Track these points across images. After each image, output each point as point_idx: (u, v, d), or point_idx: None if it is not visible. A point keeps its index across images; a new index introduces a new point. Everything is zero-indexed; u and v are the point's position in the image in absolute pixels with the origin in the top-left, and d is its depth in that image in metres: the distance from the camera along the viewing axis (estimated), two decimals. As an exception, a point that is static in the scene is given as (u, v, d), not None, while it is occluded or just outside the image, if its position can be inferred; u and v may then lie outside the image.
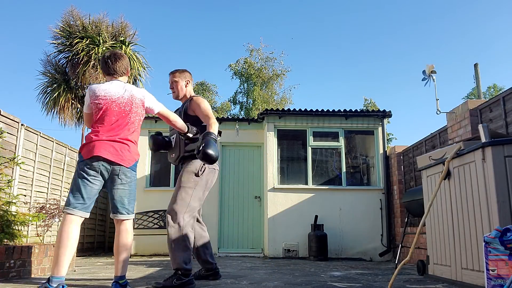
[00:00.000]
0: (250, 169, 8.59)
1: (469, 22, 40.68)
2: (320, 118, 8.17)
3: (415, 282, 3.74)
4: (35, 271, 4.06)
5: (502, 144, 2.92)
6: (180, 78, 3.46)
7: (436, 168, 3.80)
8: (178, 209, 3.09)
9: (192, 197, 3.15)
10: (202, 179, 3.21)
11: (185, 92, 3.48)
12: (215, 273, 3.60)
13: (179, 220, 3.07)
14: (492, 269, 2.36)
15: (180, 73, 3.48)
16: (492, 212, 2.90)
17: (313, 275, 4.28)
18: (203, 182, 3.22)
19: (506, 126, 4.45)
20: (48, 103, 12.35)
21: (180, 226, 3.06)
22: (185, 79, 3.47)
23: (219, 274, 3.64)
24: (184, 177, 3.19)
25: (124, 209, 2.86)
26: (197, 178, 3.18)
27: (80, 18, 12.13)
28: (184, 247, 3.04)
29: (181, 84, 3.45)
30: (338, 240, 7.62)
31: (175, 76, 3.47)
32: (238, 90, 21.90)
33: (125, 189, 2.85)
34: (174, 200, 3.14)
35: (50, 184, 6.93)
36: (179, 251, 3.03)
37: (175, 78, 3.47)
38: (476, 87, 8.60)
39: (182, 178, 3.20)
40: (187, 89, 3.48)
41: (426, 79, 5.37)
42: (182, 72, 3.49)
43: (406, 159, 7.50)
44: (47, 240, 6.72)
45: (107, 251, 9.65)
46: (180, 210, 3.09)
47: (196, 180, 3.18)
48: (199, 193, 3.20)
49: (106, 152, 2.73)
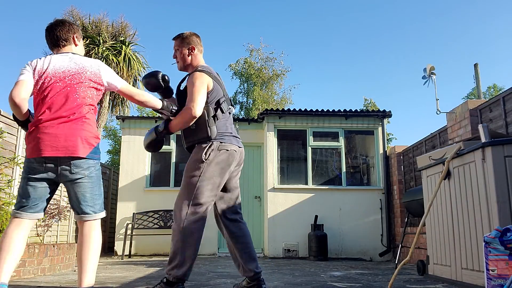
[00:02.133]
0: (250, 169, 8.59)
1: (469, 22, 40.70)
2: (320, 118, 8.17)
3: (415, 282, 3.74)
4: (35, 271, 4.06)
5: (502, 144, 2.92)
6: (182, 45, 2.86)
7: (436, 168, 3.80)
8: (182, 204, 2.60)
9: (199, 186, 2.60)
10: (210, 164, 2.63)
11: (189, 61, 2.86)
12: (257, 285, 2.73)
13: (181, 216, 2.57)
14: (492, 269, 2.36)
15: (183, 39, 2.86)
16: (492, 212, 2.90)
17: (313, 275, 4.28)
18: (210, 167, 2.63)
19: (506, 126, 4.45)
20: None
21: (183, 224, 2.56)
22: (188, 45, 2.85)
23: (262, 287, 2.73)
24: (188, 165, 2.69)
25: (87, 208, 2.36)
26: (201, 164, 2.62)
27: (80, 18, 12.13)
28: (182, 247, 2.54)
29: (184, 53, 2.85)
30: (338, 240, 7.62)
31: (176, 43, 2.89)
32: (238, 90, 21.88)
33: (83, 183, 2.35)
34: (180, 192, 2.67)
35: (50, 184, 6.92)
36: (177, 252, 2.55)
37: (176, 45, 2.89)
38: (476, 87, 8.60)
39: (186, 166, 2.71)
40: (192, 58, 2.86)
41: (426, 79, 5.38)
42: (185, 37, 2.87)
43: (406, 159, 7.50)
44: (47, 240, 6.72)
45: (107, 251, 9.65)
46: (183, 203, 2.60)
47: (201, 167, 2.62)
48: (208, 181, 2.62)
49: (49, 148, 2.27)
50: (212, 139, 2.65)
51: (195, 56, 2.87)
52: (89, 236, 2.33)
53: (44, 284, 3.40)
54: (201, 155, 2.63)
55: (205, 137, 2.65)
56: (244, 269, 2.72)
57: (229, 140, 2.72)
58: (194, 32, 2.91)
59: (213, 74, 2.79)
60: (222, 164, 2.67)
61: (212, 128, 2.66)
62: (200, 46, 2.92)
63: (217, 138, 2.68)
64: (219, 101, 2.73)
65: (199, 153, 2.65)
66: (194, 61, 2.87)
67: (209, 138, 2.64)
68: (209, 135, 2.64)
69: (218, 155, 2.66)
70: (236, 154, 2.75)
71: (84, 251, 2.30)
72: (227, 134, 2.74)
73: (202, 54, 2.95)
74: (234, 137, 2.79)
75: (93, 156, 2.37)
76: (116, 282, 3.51)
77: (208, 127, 2.65)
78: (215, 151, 2.65)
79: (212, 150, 2.65)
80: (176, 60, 2.91)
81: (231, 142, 2.73)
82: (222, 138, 2.70)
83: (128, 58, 11.71)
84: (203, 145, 2.66)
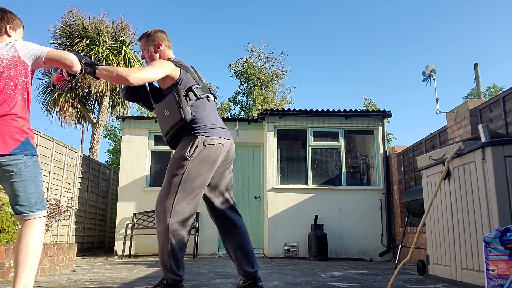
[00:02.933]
0: (250, 169, 8.59)
1: (469, 22, 40.70)
2: (320, 118, 8.17)
3: (415, 282, 3.74)
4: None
5: (502, 144, 2.92)
6: (148, 44, 2.73)
7: (436, 168, 3.80)
8: (165, 203, 2.46)
9: (182, 185, 2.46)
10: (194, 161, 2.47)
11: (157, 58, 2.72)
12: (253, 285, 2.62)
13: (165, 217, 2.44)
14: (492, 269, 2.36)
15: (147, 37, 2.74)
16: (492, 212, 2.90)
17: (313, 275, 4.28)
18: (195, 164, 2.48)
19: (506, 126, 4.45)
20: (48, 103, 12.38)
21: (167, 224, 2.43)
22: (153, 42, 2.72)
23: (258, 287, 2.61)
24: (171, 162, 2.53)
25: (22, 207, 2.15)
26: (185, 161, 2.47)
27: (80, 18, 12.13)
28: (171, 250, 2.43)
29: (150, 50, 2.72)
30: (338, 240, 7.62)
31: (141, 43, 2.78)
32: (238, 90, 21.88)
33: (14, 181, 2.14)
34: (161, 192, 2.52)
35: (50, 184, 6.93)
36: (165, 255, 2.43)
37: (142, 45, 2.78)
38: (476, 87, 8.60)
39: (169, 163, 2.55)
40: (160, 54, 2.73)
41: (426, 79, 5.38)
42: (150, 35, 2.75)
43: (406, 159, 7.50)
44: (47, 240, 6.72)
45: (107, 251, 9.65)
46: (167, 204, 2.45)
47: (185, 164, 2.46)
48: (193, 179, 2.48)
49: None
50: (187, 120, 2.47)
51: (163, 52, 2.74)
52: (26, 237, 2.11)
53: (44, 284, 3.40)
54: (185, 152, 2.47)
55: (179, 120, 2.48)
56: (241, 268, 2.63)
57: (215, 133, 2.56)
58: (159, 29, 2.81)
59: (181, 63, 2.64)
60: (209, 160, 2.51)
61: (186, 109, 2.48)
62: (166, 41, 2.77)
63: (201, 131, 2.52)
64: (191, 87, 2.56)
65: (183, 150, 2.50)
66: (163, 57, 2.72)
67: (185, 121, 2.46)
68: (183, 117, 2.46)
69: (203, 150, 2.49)
70: (224, 148, 2.58)
71: (20, 253, 2.08)
72: (212, 127, 2.57)
73: (171, 50, 2.81)
74: (221, 129, 2.62)
75: (21, 152, 2.14)
76: (116, 282, 3.51)
77: (180, 108, 2.47)
78: (200, 146, 2.49)
79: (197, 146, 2.48)
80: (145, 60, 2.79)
81: (218, 135, 2.57)
82: (207, 131, 2.53)
83: (128, 58, 11.73)
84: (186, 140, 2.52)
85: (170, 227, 2.42)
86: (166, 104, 2.56)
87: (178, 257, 2.44)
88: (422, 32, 39.85)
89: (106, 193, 9.91)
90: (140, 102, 2.76)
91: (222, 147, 2.57)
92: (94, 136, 12.42)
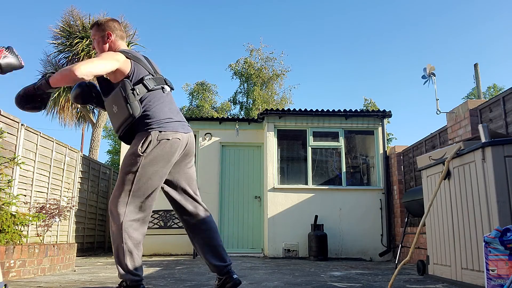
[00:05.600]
0: (250, 169, 8.59)
1: (469, 22, 40.68)
2: (320, 118, 8.17)
3: (415, 282, 3.74)
4: (35, 271, 4.06)
5: (502, 144, 2.92)
6: (98, 33, 2.59)
7: (436, 168, 3.80)
8: (118, 202, 2.36)
9: (136, 182, 2.35)
10: (147, 158, 2.36)
11: (106, 49, 2.58)
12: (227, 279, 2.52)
13: (119, 216, 2.34)
14: (492, 269, 2.36)
15: (98, 26, 2.60)
16: (492, 212, 2.90)
17: (313, 275, 4.28)
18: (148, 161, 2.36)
19: (506, 126, 4.45)
20: (48, 103, 12.36)
21: (121, 224, 2.33)
22: (103, 32, 2.58)
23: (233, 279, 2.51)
24: (124, 159, 2.42)
25: None
26: (138, 158, 2.35)
27: (80, 18, 12.14)
28: (127, 250, 2.32)
29: (99, 40, 2.59)
30: (338, 240, 7.62)
31: (92, 32, 2.64)
32: (238, 90, 21.89)
33: None
34: (114, 191, 2.41)
35: (50, 184, 6.93)
36: (121, 256, 2.32)
37: (92, 35, 2.63)
38: (476, 87, 8.60)
39: (122, 161, 2.45)
40: (110, 45, 2.59)
41: (426, 79, 5.38)
42: (100, 24, 2.61)
43: (406, 159, 7.50)
44: (47, 240, 6.72)
45: (107, 251, 9.65)
46: (120, 202, 2.35)
47: (138, 161, 2.35)
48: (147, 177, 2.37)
49: None
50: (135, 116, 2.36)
51: (113, 42, 2.59)
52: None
53: (44, 284, 3.40)
54: (137, 148, 2.36)
55: (127, 116, 2.36)
56: (212, 264, 2.54)
57: (170, 127, 2.42)
58: (113, 17, 2.69)
59: (133, 54, 2.51)
60: (163, 156, 2.39)
61: (133, 104, 2.35)
62: (119, 31, 2.63)
63: (155, 126, 2.39)
64: (142, 79, 2.43)
65: (135, 146, 2.38)
66: (113, 48, 2.58)
67: (133, 116, 2.35)
68: (131, 113, 2.34)
69: (157, 146, 2.37)
70: (181, 142, 2.45)
71: None
72: (168, 121, 2.43)
73: (124, 41, 2.67)
74: (178, 122, 2.49)
75: None
76: (116, 282, 3.51)
77: (127, 104, 2.35)
78: (154, 142, 2.36)
79: (150, 141, 2.35)
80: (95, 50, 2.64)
81: (174, 129, 2.43)
82: (161, 126, 2.40)
83: (128, 58, 11.71)
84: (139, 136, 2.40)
85: (123, 226, 2.33)
86: (113, 99, 2.43)
87: (134, 256, 2.34)
88: (422, 32, 39.84)
89: (106, 193, 9.91)
90: (92, 103, 2.62)
91: (179, 141, 2.43)
92: (94, 136, 12.43)
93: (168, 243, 7.94)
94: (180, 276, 4.00)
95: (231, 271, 2.54)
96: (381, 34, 38.39)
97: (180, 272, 4.49)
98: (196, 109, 22.38)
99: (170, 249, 7.82)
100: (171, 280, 3.68)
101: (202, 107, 22.14)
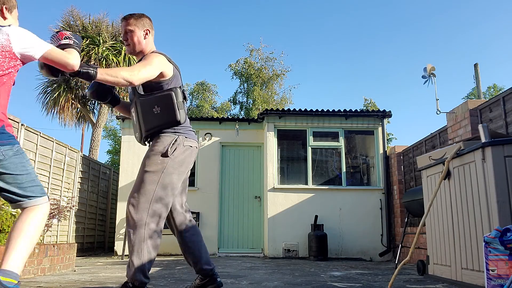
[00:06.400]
0: (250, 169, 8.59)
1: (469, 22, 40.69)
2: (320, 118, 8.17)
3: (415, 282, 3.74)
4: (35, 271, 4.06)
5: (502, 144, 2.92)
6: (137, 27, 2.51)
7: (436, 168, 3.80)
8: (140, 202, 2.31)
9: (159, 185, 2.33)
10: (174, 160, 2.38)
11: (143, 46, 2.53)
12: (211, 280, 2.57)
13: (141, 217, 2.30)
14: (492, 269, 2.36)
15: (137, 20, 2.53)
16: (492, 212, 2.90)
17: (313, 275, 4.28)
18: (175, 164, 2.38)
19: (506, 126, 4.45)
20: (48, 103, 12.37)
21: (144, 224, 2.30)
22: (143, 27, 2.53)
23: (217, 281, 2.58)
24: (148, 158, 2.40)
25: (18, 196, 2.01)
26: (165, 159, 2.36)
27: (80, 18, 12.14)
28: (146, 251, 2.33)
29: (138, 35, 2.51)
30: (338, 240, 7.62)
31: (129, 23, 2.51)
32: (238, 90, 21.90)
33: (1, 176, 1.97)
34: (135, 189, 2.37)
35: (50, 184, 6.93)
36: (135, 257, 2.29)
37: (130, 26, 2.51)
38: (476, 87, 8.60)
39: (145, 159, 2.42)
40: (147, 41, 2.54)
41: (426, 79, 5.38)
42: (140, 18, 2.55)
43: (406, 159, 7.50)
44: (47, 240, 6.72)
45: (107, 251, 9.65)
46: (141, 202, 2.31)
47: (165, 162, 2.36)
48: (170, 179, 2.37)
49: None
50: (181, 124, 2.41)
51: (150, 41, 2.57)
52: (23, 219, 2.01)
53: (44, 284, 3.40)
54: (166, 149, 2.36)
55: (173, 121, 2.39)
56: (198, 267, 2.56)
57: (192, 136, 2.52)
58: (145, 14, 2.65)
59: (173, 61, 2.55)
60: (186, 161, 2.45)
61: (181, 112, 2.40)
62: (152, 30, 2.61)
63: (182, 132, 2.44)
64: (181, 87, 2.50)
65: (162, 146, 2.38)
66: (148, 47, 2.56)
67: (178, 123, 2.39)
68: (178, 119, 2.39)
69: (183, 151, 2.42)
70: (196, 152, 2.56)
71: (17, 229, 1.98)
72: (190, 129, 2.53)
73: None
74: (194, 132, 2.61)
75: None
76: (116, 282, 3.51)
77: (177, 110, 2.39)
78: (181, 146, 2.40)
79: (178, 144, 2.40)
80: (126, 43, 2.55)
81: (194, 139, 2.53)
82: (186, 132, 2.48)
83: (128, 58, 11.72)
84: (167, 137, 2.40)
85: (147, 227, 2.30)
86: (156, 100, 2.41)
87: (152, 258, 2.34)
88: (422, 32, 39.86)
89: (106, 193, 9.91)
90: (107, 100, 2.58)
91: (196, 150, 2.54)
92: (94, 136, 12.42)
93: (168, 243, 7.92)
94: (180, 276, 4.00)
95: (216, 273, 2.60)
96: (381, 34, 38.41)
97: (180, 272, 4.49)
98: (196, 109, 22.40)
99: (170, 249, 7.81)
100: (171, 280, 3.68)
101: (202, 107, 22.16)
